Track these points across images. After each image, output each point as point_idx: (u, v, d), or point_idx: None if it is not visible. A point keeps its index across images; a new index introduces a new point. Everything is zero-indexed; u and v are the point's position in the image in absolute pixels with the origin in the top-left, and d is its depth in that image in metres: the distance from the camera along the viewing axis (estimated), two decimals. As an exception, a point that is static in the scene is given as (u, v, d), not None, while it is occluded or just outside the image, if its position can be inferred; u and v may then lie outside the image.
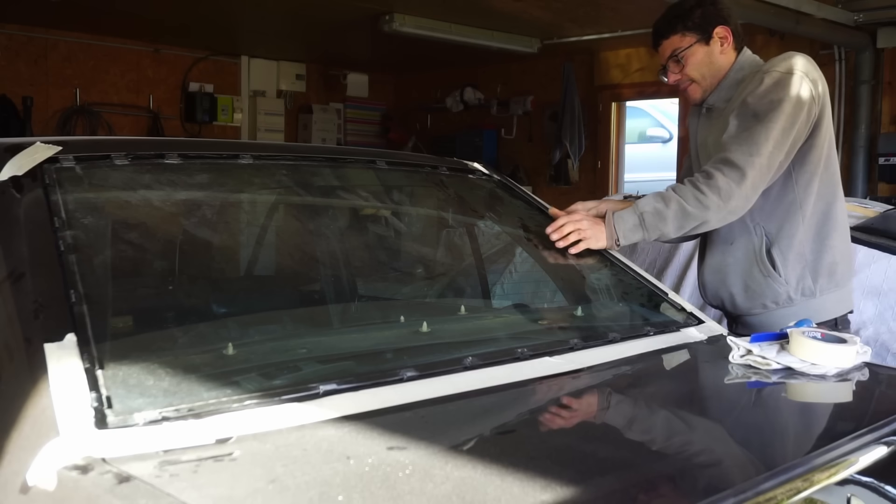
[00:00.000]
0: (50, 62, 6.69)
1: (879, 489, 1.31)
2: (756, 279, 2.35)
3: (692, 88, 2.45)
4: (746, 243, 2.36)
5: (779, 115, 2.21)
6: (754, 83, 2.29)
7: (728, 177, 2.18)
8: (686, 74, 2.43)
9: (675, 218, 2.19)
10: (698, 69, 2.41)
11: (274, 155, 2.19)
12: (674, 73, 2.45)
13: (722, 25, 2.40)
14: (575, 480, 1.17)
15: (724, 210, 2.19)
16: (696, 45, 2.40)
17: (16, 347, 1.31)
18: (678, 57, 2.41)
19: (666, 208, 2.19)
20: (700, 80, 2.43)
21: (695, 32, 2.39)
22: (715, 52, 2.40)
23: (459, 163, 2.49)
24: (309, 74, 8.01)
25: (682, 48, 2.40)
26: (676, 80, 2.46)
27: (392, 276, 2.57)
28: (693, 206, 2.18)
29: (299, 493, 1.08)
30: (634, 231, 2.20)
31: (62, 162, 1.66)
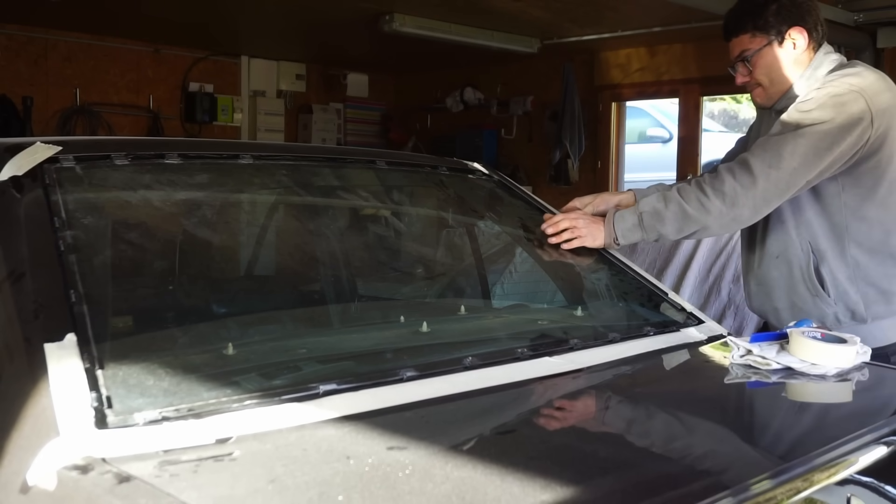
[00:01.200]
0: (50, 62, 6.69)
1: (879, 489, 1.31)
2: (803, 297, 2.24)
3: (757, 92, 2.29)
4: (793, 258, 2.24)
5: (816, 134, 2.07)
6: (808, 93, 2.15)
7: (738, 181, 2.08)
8: (754, 77, 2.26)
9: (674, 219, 2.11)
10: (767, 73, 2.24)
11: (274, 155, 2.19)
12: (742, 74, 2.28)
13: (797, 26, 2.21)
14: (575, 480, 1.17)
15: (727, 216, 2.10)
16: (767, 48, 2.21)
17: (16, 347, 1.31)
18: (746, 58, 2.24)
19: (665, 209, 2.11)
20: (767, 85, 2.26)
21: (766, 33, 2.21)
22: (787, 55, 2.22)
23: (459, 163, 2.49)
24: (309, 74, 8.01)
25: (752, 50, 2.23)
26: (744, 81, 2.29)
27: (392, 276, 2.57)
28: (694, 208, 2.09)
29: (299, 493, 1.08)
30: (633, 231, 2.15)
31: (62, 162, 1.66)
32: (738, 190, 2.08)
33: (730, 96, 11.21)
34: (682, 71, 6.45)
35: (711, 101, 11.06)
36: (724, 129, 11.13)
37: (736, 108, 12.40)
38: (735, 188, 2.08)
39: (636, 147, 8.39)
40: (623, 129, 7.40)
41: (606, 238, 2.17)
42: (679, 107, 6.85)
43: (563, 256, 2.30)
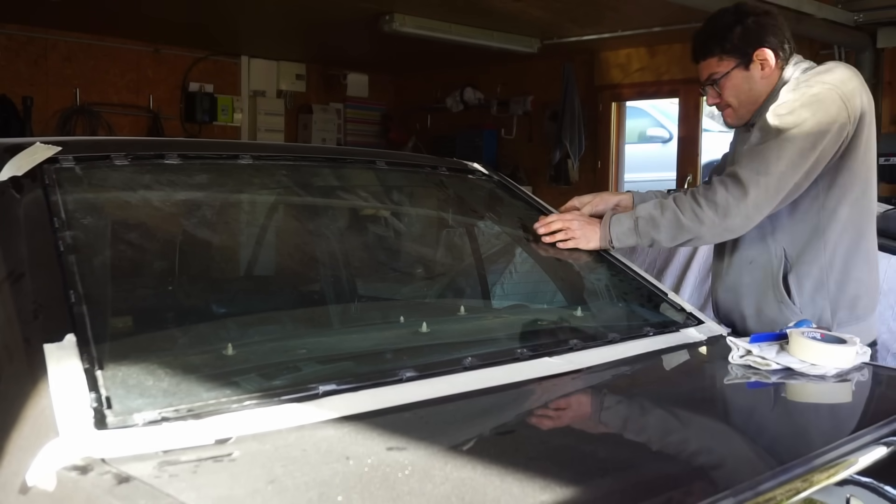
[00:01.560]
0: (50, 62, 6.69)
1: (879, 489, 1.31)
2: (770, 304, 2.24)
3: (727, 113, 2.31)
4: (765, 264, 2.25)
5: (798, 134, 2.07)
6: (783, 95, 2.16)
7: (730, 192, 2.08)
8: (724, 100, 2.28)
9: (669, 227, 2.13)
10: (735, 96, 2.26)
11: (274, 155, 2.19)
12: (712, 97, 2.30)
13: (763, 47, 2.21)
14: (575, 480, 1.17)
15: (719, 227, 2.11)
16: (735, 71, 2.23)
17: (15, 348, 1.31)
18: (714, 81, 2.26)
19: (661, 216, 2.13)
20: (737, 106, 2.28)
21: (733, 56, 2.22)
22: (755, 76, 2.23)
23: (459, 163, 2.49)
24: (309, 74, 8.01)
25: (720, 73, 2.24)
26: (715, 103, 2.32)
27: (392, 277, 2.57)
28: (688, 218, 2.11)
29: (299, 494, 1.08)
30: (628, 235, 2.17)
31: (62, 162, 1.66)
32: (731, 200, 2.09)
33: (730, 96, 11.19)
34: (682, 71, 6.45)
35: (711, 101, 11.05)
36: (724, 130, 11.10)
37: (736, 108, 12.38)
38: (727, 199, 2.09)
39: (636, 147, 8.39)
40: (623, 129, 7.40)
41: (601, 240, 2.19)
42: (679, 107, 6.85)
43: (563, 257, 2.30)
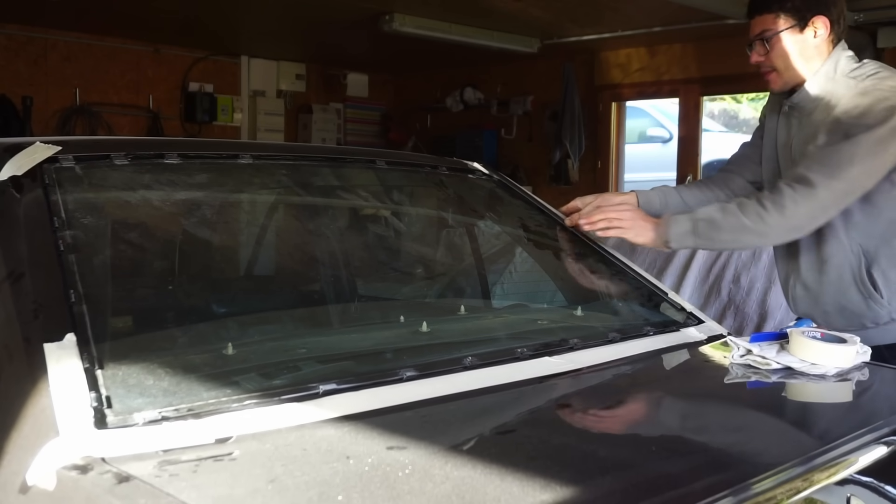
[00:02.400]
0: (50, 62, 6.69)
1: (879, 489, 1.31)
2: (854, 300, 2.21)
3: (772, 77, 2.27)
4: (843, 263, 2.21)
5: (870, 138, 2.07)
6: (850, 99, 2.13)
7: (798, 193, 2.07)
8: (770, 60, 2.24)
9: (731, 229, 2.12)
10: (784, 58, 2.23)
11: (274, 155, 2.19)
12: (758, 53, 2.26)
13: (822, 15, 2.20)
14: (575, 480, 1.17)
15: (784, 227, 2.12)
16: (788, 31, 2.20)
17: (15, 347, 1.31)
18: (766, 38, 2.23)
19: (722, 218, 2.12)
20: (783, 70, 2.24)
21: (790, 16, 2.20)
22: (807, 42, 2.21)
23: (459, 163, 2.48)
24: (309, 74, 8.01)
25: (773, 31, 2.21)
26: (758, 61, 2.28)
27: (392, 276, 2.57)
28: (752, 220, 2.10)
29: (299, 493, 1.08)
30: (686, 237, 2.15)
31: (62, 162, 1.66)
32: (798, 199, 2.08)
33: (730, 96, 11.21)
34: (682, 71, 6.44)
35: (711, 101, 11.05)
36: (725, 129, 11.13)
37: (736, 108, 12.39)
38: (795, 201, 2.08)
39: (636, 147, 8.39)
40: (623, 129, 7.40)
41: (657, 239, 2.18)
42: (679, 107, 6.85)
43: (563, 257, 2.30)
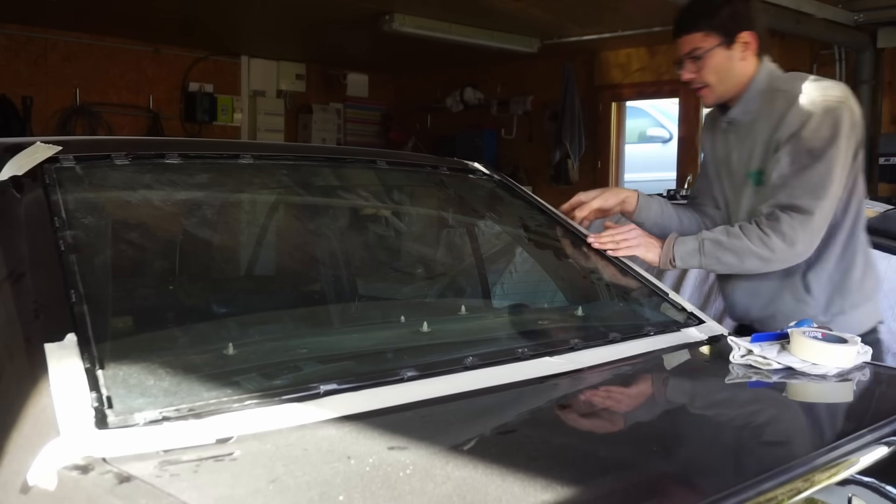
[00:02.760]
0: (50, 62, 6.69)
1: (880, 489, 1.31)
2: (787, 303, 2.29)
3: (705, 92, 2.35)
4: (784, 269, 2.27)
5: (836, 153, 2.15)
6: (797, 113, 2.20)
7: (795, 220, 2.14)
8: (702, 76, 2.32)
9: (736, 252, 2.18)
10: (715, 73, 2.30)
11: (274, 155, 2.18)
12: (689, 71, 2.33)
13: (748, 30, 2.28)
14: (575, 480, 1.16)
15: (789, 253, 2.17)
16: (718, 48, 2.27)
17: (16, 347, 1.30)
18: (696, 56, 2.30)
19: (727, 240, 2.19)
20: (715, 84, 2.32)
21: (718, 34, 2.27)
22: (735, 57, 2.29)
23: (459, 163, 2.48)
24: (309, 74, 8.01)
25: (703, 49, 2.28)
26: (690, 78, 2.34)
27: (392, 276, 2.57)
28: (756, 244, 2.16)
29: (300, 493, 1.08)
30: (692, 256, 2.22)
31: (62, 162, 1.66)
32: (797, 227, 2.15)
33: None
34: (682, 71, 6.44)
35: (711, 101, 11.03)
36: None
37: (736, 108, 12.37)
38: (794, 228, 2.15)
39: (636, 147, 8.39)
40: (623, 129, 7.40)
41: (663, 258, 2.25)
42: (679, 107, 6.85)
43: (564, 257, 2.30)
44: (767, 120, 2.27)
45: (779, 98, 2.27)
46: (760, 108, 2.30)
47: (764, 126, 2.28)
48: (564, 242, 2.33)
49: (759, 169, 2.28)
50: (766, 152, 2.27)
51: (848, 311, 2.28)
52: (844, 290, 2.29)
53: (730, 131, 2.38)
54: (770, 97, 2.29)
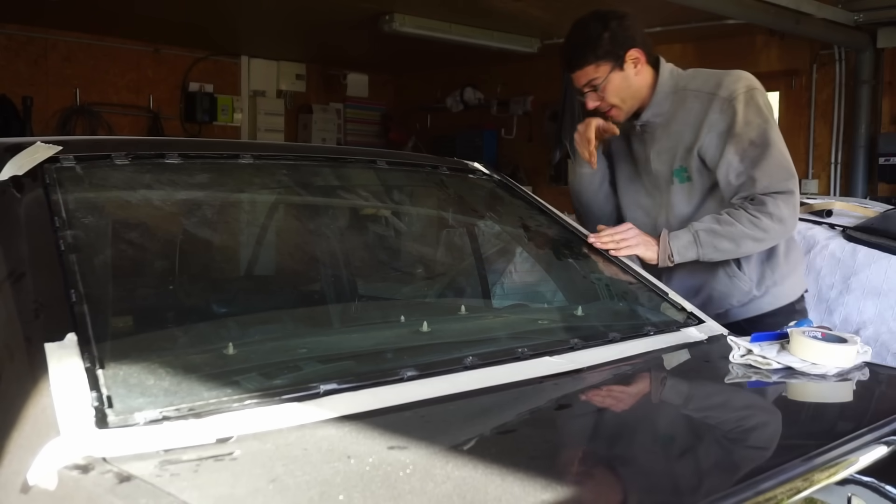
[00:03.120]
0: (50, 62, 6.69)
1: (880, 489, 1.31)
2: (723, 282, 2.39)
3: (614, 112, 2.40)
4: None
5: (774, 131, 2.29)
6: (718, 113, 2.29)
7: (778, 199, 2.25)
8: (606, 101, 2.38)
9: (731, 238, 2.26)
10: (617, 94, 2.37)
11: (274, 155, 2.18)
12: (593, 100, 2.39)
13: (633, 48, 2.35)
14: (575, 480, 1.17)
15: (780, 229, 2.28)
16: (612, 74, 2.34)
17: (16, 347, 1.31)
18: (595, 86, 2.36)
19: (720, 228, 2.26)
20: (620, 103, 2.38)
21: (608, 60, 2.33)
22: (630, 74, 2.36)
23: (459, 163, 2.48)
24: (309, 74, 8.01)
25: (599, 78, 2.35)
26: (596, 105, 2.40)
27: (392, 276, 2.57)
28: (749, 228, 2.25)
29: (300, 493, 1.08)
30: (689, 248, 2.28)
31: (62, 162, 1.66)
32: (782, 207, 2.26)
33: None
34: (681, 71, 6.44)
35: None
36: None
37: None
38: (779, 207, 2.25)
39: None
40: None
41: (661, 254, 2.30)
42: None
43: (564, 256, 2.30)
44: (684, 120, 2.36)
45: (689, 98, 2.36)
46: (673, 109, 2.38)
47: (682, 125, 2.36)
48: (564, 242, 2.33)
49: (682, 166, 2.37)
50: (688, 150, 2.35)
51: (779, 282, 2.41)
52: (773, 263, 2.40)
53: (644, 133, 2.45)
54: (680, 97, 2.38)
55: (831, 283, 3.34)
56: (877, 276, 3.27)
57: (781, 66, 6.29)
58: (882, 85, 5.92)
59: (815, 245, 3.41)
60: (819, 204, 3.71)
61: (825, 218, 3.56)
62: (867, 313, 3.23)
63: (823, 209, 3.62)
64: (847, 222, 3.49)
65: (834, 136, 6.14)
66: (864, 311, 3.23)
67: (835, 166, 6.13)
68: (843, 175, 6.10)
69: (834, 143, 6.14)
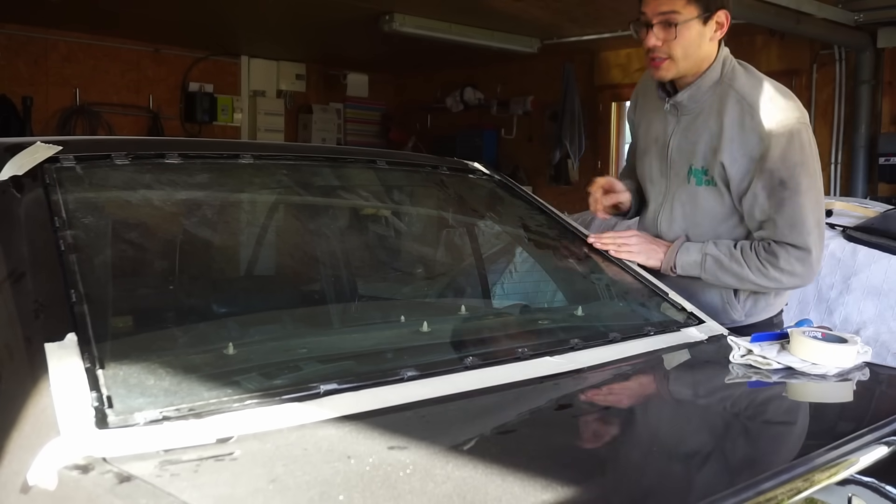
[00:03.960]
0: (50, 62, 6.69)
1: (880, 489, 1.31)
2: (715, 303, 2.29)
3: (666, 65, 2.18)
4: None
5: (810, 179, 2.14)
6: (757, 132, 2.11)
7: (792, 256, 2.14)
8: (670, 47, 2.15)
9: (735, 276, 2.19)
10: (685, 47, 2.15)
11: (274, 155, 2.19)
12: (657, 37, 2.15)
13: (725, 10, 2.17)
14: (575, 480, 1.17)
15: (788, 282, 2.19)
16: (695, 21, 2.13)
17: (16, 347, 1.31)
18: (671, 22, 2.13)
19: (728, 262, 2.19)
20: (680, 59, 2.16)
21: (699, 6, 2.13)
22: (707, 35, 2.16)
23: (459, 163, 2.48)
24: (309, 74, 8.01)
25: (682, 16, 2.12)
26: (656, 45, 2.16)
27: (392, 276, 2.57)
28: (755, 275, 2.17)
29: (300, 493, 1.08)
30: (693, 267, 2.22)
31: (62, 162, 1.66)
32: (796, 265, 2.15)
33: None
34: (682, 71, 6.44)
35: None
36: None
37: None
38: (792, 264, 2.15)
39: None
40: (623, 129, 7.40)
41: (665, 264, 2.26)
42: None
43: (564, 257, 2.30)
44: (717, 118, 2.18)
45: (731, 99, 2.17)
46: (710, 101, 2.20)
47: (712, 123, 2.19)
48: (564, 242, 2.33)
49: (704, 168, 2.21)
50: (711, 152, 2.19)
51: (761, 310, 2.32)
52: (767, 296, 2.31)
53: (671, 114, 2.28)
54: (722, 93, 2.19)
55: (831, 283, 3.34)
56: (877, 276, 3.27)
57: (781, 66, 6.29)
58: (882, 85, 5.92)
59: (815, 245, 3.41)
60: (819, 204, 3.72)
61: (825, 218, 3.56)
62: (867, 313, 3.23)
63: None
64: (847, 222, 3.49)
65: (834, 136, 6.14)
66: (864, 311, 3.23)
67: (835, 166, 6.13)
68: (843, 175, 6.10)
69: (834, 143, 6.14)
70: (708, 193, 2.23)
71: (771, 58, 6.33)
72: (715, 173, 2.19)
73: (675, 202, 2.29)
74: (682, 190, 2.27)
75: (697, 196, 2.24)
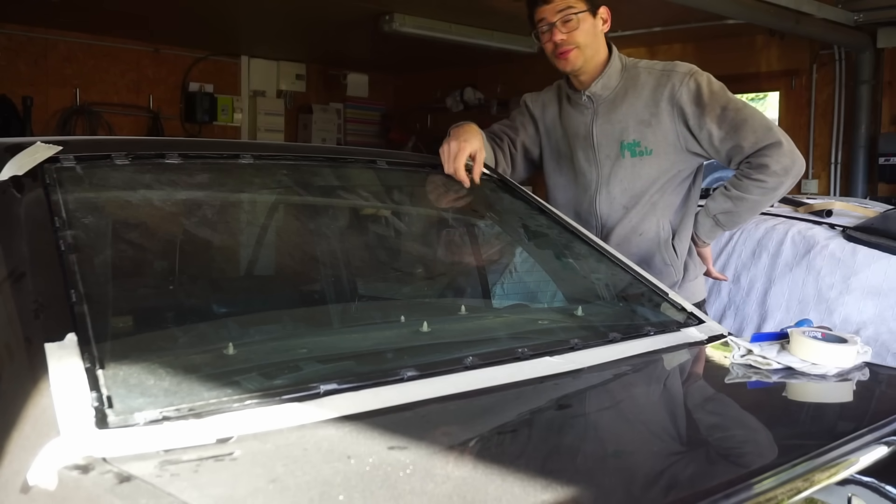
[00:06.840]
0: (50, 62, 6.69)
1: (880, 489, 1.31)
2: (658, 266, 2.48)
3: (574, 54, 2.42)
4: (654, 235, 2.49)
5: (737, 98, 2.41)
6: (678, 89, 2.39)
7: (772, 152, 2.31)
8: (573, 37, 2.40)
9: (748, 210, 2.42)
10: (585, 35, 2.41)
11: (274, 155, 2.18)
12: (562, 31, 2.40)
13: (606, 7, 2.45)
14: (575, 480, 1.17)
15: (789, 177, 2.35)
16: (586, 14, 2.41)
17: (16, 347, 1.31)
18: (568, 18, 2.39)
19: (735, 207, 2.41)
20: (584, 46, 2.42)
21: (586, 1, 2.41)
22: (598, 27, 2.45)
23: (460, 162, 2.47)
24: (309, 74, 8.01)
25: (576, 10, 2.38)
26: (563, 39, 2.40)
27: (392, 276, 2.57)
28: (759, 195, 2.36)
29: (300, 493, 1.08)
30: (714, 230, 2.49)
31: (63, 162, 1.66)
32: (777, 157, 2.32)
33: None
34: (681, 71, 6.43)
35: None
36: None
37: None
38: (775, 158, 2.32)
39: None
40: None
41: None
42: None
43: (564, 256, 2.30)
44: (636, 95, 2.43)
45: (641, 74, 2.45)
46: (623, 85, 2.46)
47: (634, 101, 2.43)
48: (564, 242, 2.33)
49: (636, 140, 2.44)
50: (644, 124, 2.42)
51: (694, 278, 2.56)
52: (693, 259, 2.56)
53: (587, 107, 2.50)
54: (631, 74, 2.46)
55: (831, 283, 3.34)
56: (877, 276, 3.27)
57: (781, 66, 6.29)
58: (882, 85, 5.91)
59: (815, 245, 3.42)
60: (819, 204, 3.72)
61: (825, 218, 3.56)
62: (867, 313, 3.23)
63: (823, 209, 3.62)
64: (847, 222, 3.49)
65: (834, 136, 6.14)
66: (864, 311, 3.23)
67: (835, 166, 6.13)
68: (843, 175, 6.10)
69: (834, 143, 6.14)
70: (643, 163, 2.45)
71: (771, 58, 6.33)
72: (649, 141, 2.43)
73: (613, 180, 2.48)
74: (618, 166, 2.47)
75: (635, 167, 2.46)
